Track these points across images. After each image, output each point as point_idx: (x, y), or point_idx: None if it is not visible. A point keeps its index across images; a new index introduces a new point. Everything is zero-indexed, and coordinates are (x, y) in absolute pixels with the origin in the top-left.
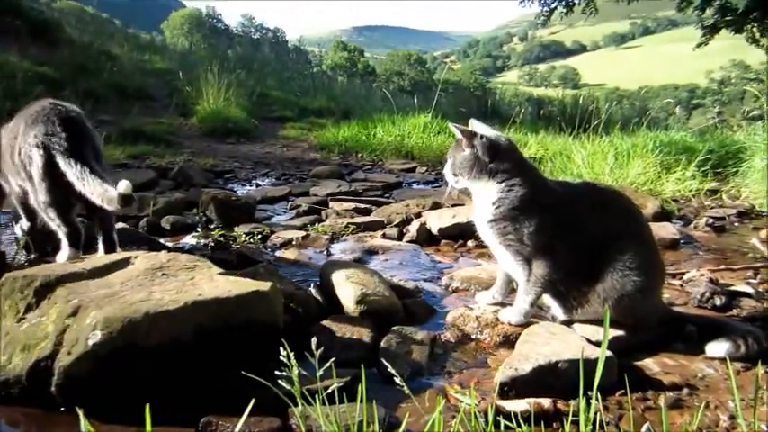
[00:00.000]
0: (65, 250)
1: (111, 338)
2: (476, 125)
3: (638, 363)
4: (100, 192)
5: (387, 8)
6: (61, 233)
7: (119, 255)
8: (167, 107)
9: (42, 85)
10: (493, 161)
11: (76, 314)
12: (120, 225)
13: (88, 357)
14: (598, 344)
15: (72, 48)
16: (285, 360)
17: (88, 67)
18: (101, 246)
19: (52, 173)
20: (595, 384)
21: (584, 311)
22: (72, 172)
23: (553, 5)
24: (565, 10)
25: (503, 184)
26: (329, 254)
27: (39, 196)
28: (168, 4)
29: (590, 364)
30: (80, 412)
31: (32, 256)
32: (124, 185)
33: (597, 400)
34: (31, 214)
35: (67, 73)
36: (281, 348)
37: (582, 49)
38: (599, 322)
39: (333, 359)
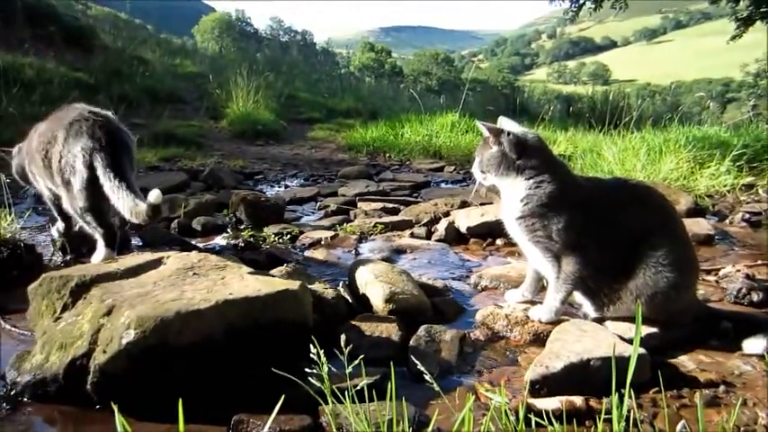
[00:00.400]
0: (101, 250)
1: (144, 337)
2: (504, 122)
3: (673, 360)
4: (131, 206)
5: (414, 8)
6: (98, 235)
7: (151, 255)
8: (198, 110)
9: (77, 90)
10: (520, 158)
11: (111, 313)
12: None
13: (122, 356)
14: (631, 341)
15: (106, 53)
16: (315, 358)
17: (122, 71)
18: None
19: (93, 184)
20: (628, 381)
21: (616, 309)
22: (109, 186)
23: (582, 1)
24: (594, 5)
25: (530, 181)
26: (357, 253)
27: (77, 203)
28: (199, 8)
29: (623, 361)
30: (115, 408)
31: (68, 257)
32: (155, 195)
33: (630, 397)
34: (65, 216)
35: (102, 78)
36: (311, 346)
37: (612, 44)
38: (632, 319)
39: (362, 357)
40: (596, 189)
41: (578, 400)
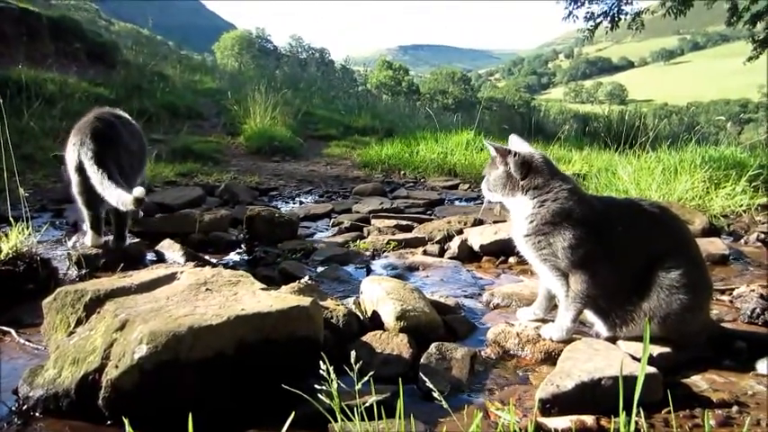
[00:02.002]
0: (88, 233)
1: (157, 352)
2: (514, 141)
3: (686, 380)
4: (115, 195)
5: (433, 27)
6: (85, 216)
7: (165, 270)
8: (216, 126)
9: (98, 104)
10: (525, 178)
11: (124, 328)
12: (167, 241)
13: (134, 371)
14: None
15: (128, 69)
16: (325, 375)
17: (142, 87)
18: (111, 239)
19: (80, 173)
20: (635, 400)
21: (629, 329)
22: (95, 178)
23: (598, 21)
24: (610, 25)
25: (535, 200)
26: (370, 270)
27: (72, 188)
28: (220, 25)
29: (634, 381)
30: (126, 422)
31: (84, 271)
32: (139, 191)
33: (640, 416)
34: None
35: (122, 93)
36: (321, 363)
37: (629, 65)
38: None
39: (372, 374)
40: (608, 208)
41: (589, 420)
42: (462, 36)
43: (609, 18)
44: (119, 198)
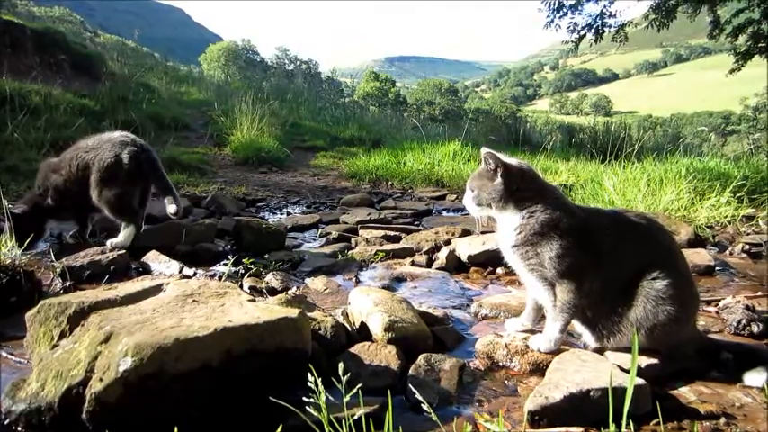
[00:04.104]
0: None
1: (142, 364)
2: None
3: (674, 391)
4: None
5: (419, 39)
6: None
7: (151, 281)
8: (202, 137)
9: (83, 116)
10: (518, 189)
11: (108, 341)
12: (154, 252)
13: (119, 383)
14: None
15: (113, 80)
16: (313, 387)
17: (128, 98)
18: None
19: None
20: (624, 411)
21: (616, 340)
22: None
23: (582, 33)
24: (594, 38)
25: (524, 211)
26: (358, 281)
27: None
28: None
29: (623, 392)
30: None
31: (68, 283)
32: None
33: (629, 428)
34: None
35: (108, 104)
36: (309, 375)
37: (614, 77)
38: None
39: (360, 386)
40: (594, 218)
41: (578, 431)
42: (448, 48)
43: (593, 30)
44: None
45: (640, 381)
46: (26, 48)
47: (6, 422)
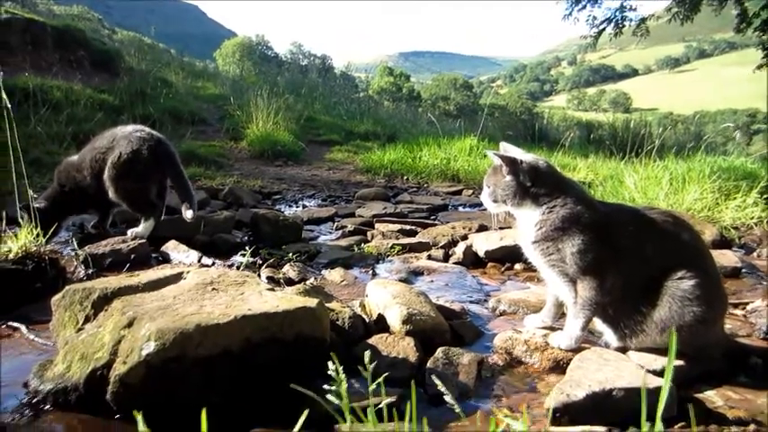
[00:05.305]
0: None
1: (164, 349)
2: (509, 149)
3: (700, 395)
4: None
5: (434, 34)
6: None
7: (171, 270)
8: (219, 131)
9: (102, 111)
10: (534, 185)
11: (132, 325)
12: (173, 242)
13: (142, 366)
14: (655, 373)
15: (131, 75)
16: (333, 375)
17: (146, 93)
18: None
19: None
20: (659, 413)
21: (639, 340)
22: None
23: (601, 27)
24: (614, 32)
25: (544, 207)
26: (374, 274)
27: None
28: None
29: (648, 393)
30: (138, 417)
31: (90, 270)
32: None
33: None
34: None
35: (126, 99)
36: (330, 363)
37: (633, 72)
38: (656, 351)
39: (383, 377)
40: (617, 214)
41: (600, 431)
42: (464, 43)
43: (612, 24)
44: None
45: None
46: (47, 45)
47: (34, 400)
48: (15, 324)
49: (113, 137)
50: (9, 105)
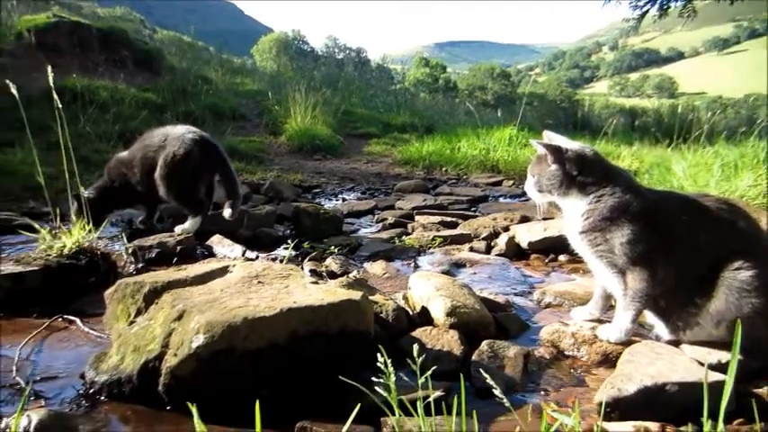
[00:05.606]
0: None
1: (213, 341)
2: (553, 137)
3: (759, 390)
4: None
5: (470, 23)
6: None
7: (218, 263)
8: (258, 126)
9: (147, 109)
10: (580, 174)
11: (181, 318)
12: (217, 236)
13: (192, 359)
14: (711, 366)
15: (172, 74)
16: (381, 367)
17: (187, 90)
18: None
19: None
20: (722, 409)
21: (693, 333)
22: None
23: (645, 9)
24: (658, 13)
25: (591, 196)
26: (417, 266)
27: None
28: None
29: (702, 388)
30: (194, 411)
31: (140, 264)
32: None
33: (715, 427)
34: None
35: (169, 97)
36: (378, 355)
37: (679, 56)
38: (711, 344)
39: (431, 370)
40: (668, 202)
41: (654, 427)
42: (501, 31)
43: (657, 6)
44: None
45: (721, 377)
46: (93, 46)
47: (90, 391)
48: (71, 317)
49: (165, 136)
50: (60, 106)
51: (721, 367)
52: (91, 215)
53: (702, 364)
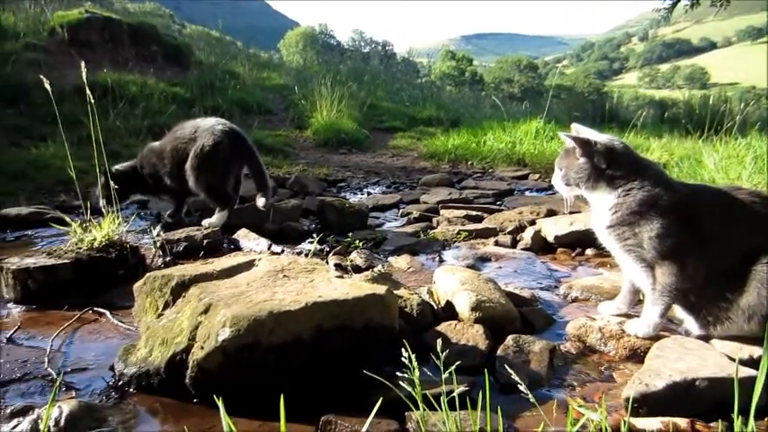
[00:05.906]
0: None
1: (239, 335)
2: (582, 130)
3: None
4: None
5: (496, 15)
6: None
7: (244, 257)
8: (284, 120)
9: (175, 103)
10: (609, 167)
11: (208, 312)
12: (243, 230)
13: (218, 352)
14: (742, 362)
15: (200, 68)
16: (406, 362)
17: (215, 85)
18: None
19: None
20: (753, 405)
21: (723, 328)
22: None
23: None
24: (690, 3)
25: (620, 189)
26: (441, 260)
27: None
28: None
29: (733, 384)
30: (220, 404)
31: (168, 257)
32: None
33: (748, 422)
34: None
35: (197, 92)
36: (403, 350)
37: (711, 46)
38: (743, 339)
39: (456, 365)
40: (698, 195)
41: (682, 423)
42: (527, 23)
43: None
44: None
45: (753, 372)
46: (123, 41)
47: (120, 383)
48: (101, 309)
49: (196, 128)
50: (92, 101)
51: (752, 363)
52: (111, 188)
53: (733, 360)
